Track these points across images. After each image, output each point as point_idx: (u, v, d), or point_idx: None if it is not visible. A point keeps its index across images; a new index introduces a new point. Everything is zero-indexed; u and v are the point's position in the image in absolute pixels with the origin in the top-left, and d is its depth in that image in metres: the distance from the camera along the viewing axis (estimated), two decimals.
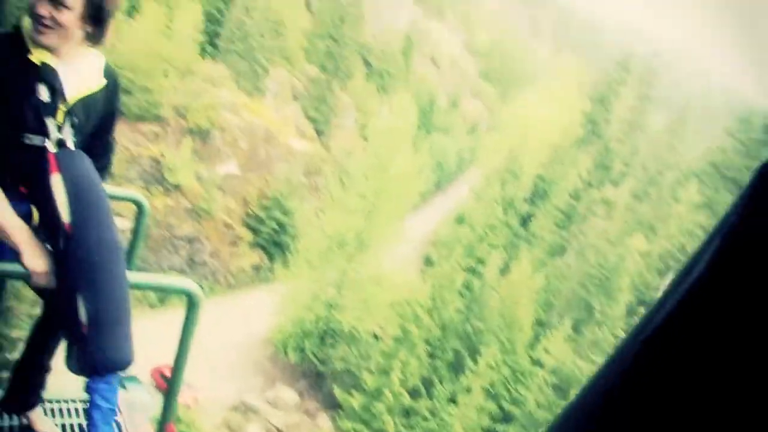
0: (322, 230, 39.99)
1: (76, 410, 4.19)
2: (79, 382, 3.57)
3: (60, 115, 3.02)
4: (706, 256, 0.51)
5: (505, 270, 44.07)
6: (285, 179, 47.26)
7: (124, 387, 4.63)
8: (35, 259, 2.85)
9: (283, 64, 56.50)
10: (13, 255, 2.89)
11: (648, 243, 44.97)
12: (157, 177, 43.54)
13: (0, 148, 2.95)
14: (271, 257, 46.60)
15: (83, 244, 2.90)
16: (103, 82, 3.21)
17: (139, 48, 44.59)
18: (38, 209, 2.98)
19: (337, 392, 36.32)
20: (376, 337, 39.80)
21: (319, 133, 55.68)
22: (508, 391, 37.44)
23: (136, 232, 4.43)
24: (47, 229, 2.97)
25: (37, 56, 2.93)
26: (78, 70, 3.09)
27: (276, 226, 46.15)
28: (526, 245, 52.43)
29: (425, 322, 34.98)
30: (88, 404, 3.43)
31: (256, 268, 46.41)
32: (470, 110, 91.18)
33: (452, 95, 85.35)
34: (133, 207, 4.40)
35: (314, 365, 39.39)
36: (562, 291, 43.64)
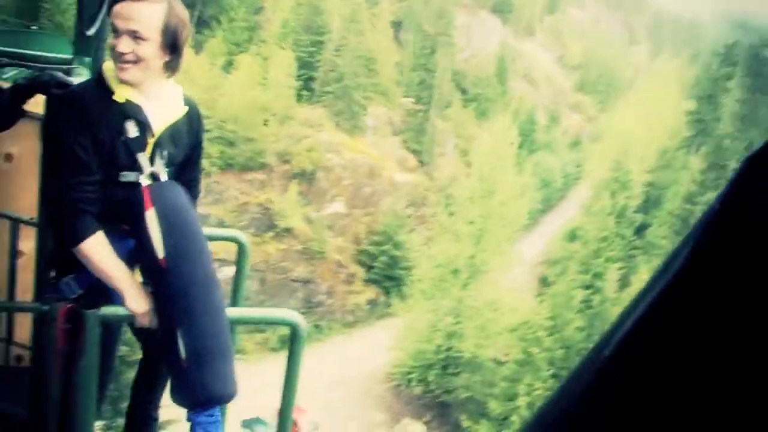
0: (434, 260, 39.92)
1: None
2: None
3: (149, 148, 3.12)
4: (684, 250, 0.50)
5: (624, 283, 42.89)
6: (392, 213, 47.49)
7: (251, 429, 4.70)
8: (137, 300, 2.93)
9: (379, 99, 57.06)
10: (118, 299, 2.98)
11: None
12: (267, 223, 44.53)
13: (101, 190, 3.02)
14: (386, 291, 46.76)
15: (178, 278, 2.95)
16: (185, 109, 3.30)
17: (239, 100, 46.10)
18: (139, 246, 3.05)
19: (465, 421, 35.97)
20: (498, 362, 39.29)
21: (421, 163, 55.82)
22: None
23: (238, 270, 4.48)
24: (147, 266, 3.05)
25: (120, 94, 3.04)
26: (160, 102, 3.19)
27: (388, 260, 46.33)
28: (643, 255, 50.89)
29: (547, 344, 34.35)
30: None
31: (373, 304, 46.64)
32: (571, 124, 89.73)
33: (551, 111, 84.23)
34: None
35: (439, 396, 39.16)
36: None
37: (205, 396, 3.06)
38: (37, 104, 3.47)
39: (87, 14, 4.01)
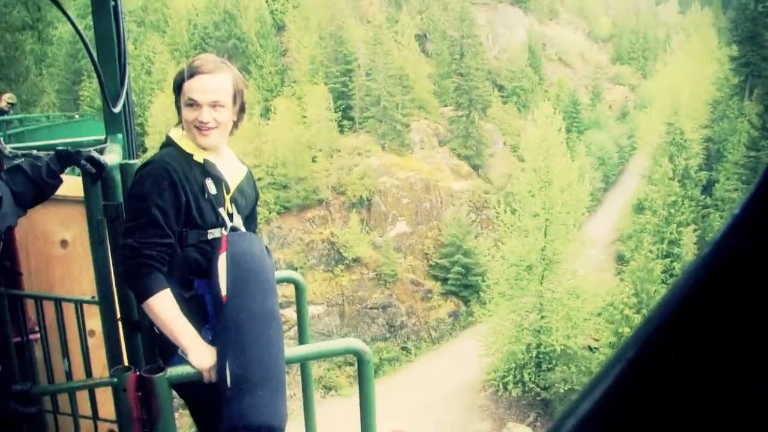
0: (506, 260, 39.68)
1: None
2: None
3: (227, 204, 3.33)
4: (703, 255, 0.49)
5: (701, 244, 42.05)
6: (455, 222, 47.43)
7: None
8: (201, 357, 3.02)
9: (419, 114, 57.20)
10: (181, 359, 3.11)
11: None
12: (335, 257, 44.86)
13: (186, 249, 3.19)
14: (465, 301, 46.62)
15: (235, 311, 3.06)
16: (246, 167, 3.57)
17: (283, 143, 46.78)
18: (209, 290, 3.17)
19: None
20: (591, 349, 38.80)
21: (474, 168, 55.71)
22: None
23: (299, 309, 4.45)
24: (214, 308, 3.14)
25: (199, 156, 3.25)
26: (228, 160, 3.43)
27: (461, 270, 46.21)
28: (716, 213, 49.84)
29: (636, 321, 33.77)
30: None
31: (454, 316, 46.53)
32: (614, 97, 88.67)
33: (592, 88, 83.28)
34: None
35: (538, 394, 38.79)
36: None
37: (244, 423, 3.05)
38: (79, 189, 3.67)
39: (110, 93, 4.17)
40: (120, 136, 4.39)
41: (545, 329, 37.87)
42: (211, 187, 3.25)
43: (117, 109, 4.04)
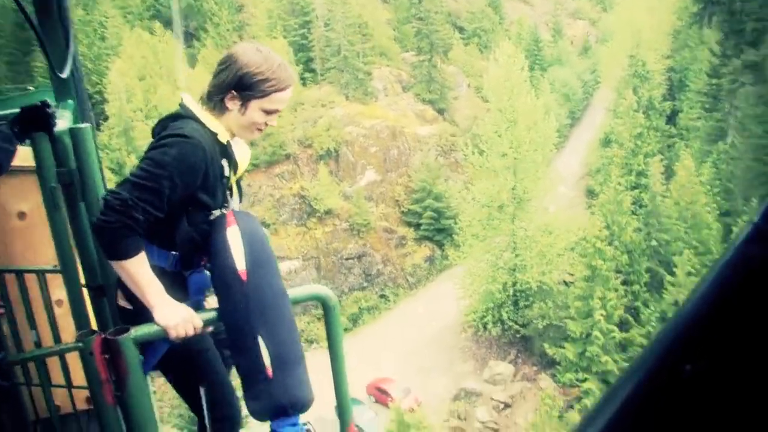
0: (477, 202, 39.87)
1: None
2: None
3: (234, 186, 3.41)
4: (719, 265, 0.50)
5: (669, 173, 42.46)
6: (424, 167, 47.46)
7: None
8: (166, 314, 2.98)
9: (381, 61, 56.79)
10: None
11: None
12: (307, 210, 44.79)
13: (190, 228, 3.17)
14: (439, 245, 46.91)
15: (258, 288, 3.08)
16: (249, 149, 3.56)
17: None
18: (213, 262, 3.15)
19: (549, 349, 36.12)
20: (566, 283, 39.30)
21: (439, 112, 55.56)
22: None
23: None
24: (224, 281, 3.11)
25: (223, 137, 3.25)
26: (239, 142, 3.42)
27: (433, 214, 46.40)
28: (681, 142, 50.27)
29: (609, 253, 34.21)
30: None
31: (430, 260, 46.83)
32: (575, 33, 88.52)
33: (553, 25, 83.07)
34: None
35: (518, 331, 39.32)
36: (737, 173, 41.48)
37: (290, 401, 3.12)
38: (32, 158, 3.61)
39: (55, 58, 4.02)
40: (71, 102, 4.26)
41: (520, 267, 38.26)
42: (226, 168, 3.26)
43: (64, 74, 3.91)
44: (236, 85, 3.23)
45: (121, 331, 2.93)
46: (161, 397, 33.79)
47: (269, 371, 3.07)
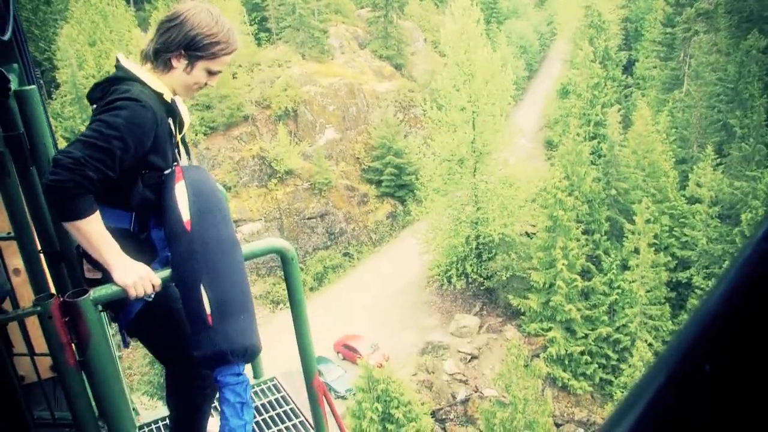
0: (437, 156, 39.94)
1: None
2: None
3: (180, 143, 3.41)
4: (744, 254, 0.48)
5: (626, 123, 42.86)
6: (384, 123, 47.31)
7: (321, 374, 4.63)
8: (123, 273, 2.98)
9: (336, 18, 56.20)
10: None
11: (766, 37, 42.42)
12: (267, 171, 44.51)
13: (144, 189, 3.18)
14: (401, 201, 47.01)
15: (202, 237, 3.11)
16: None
17: None
18: (164, 218, 3.18)
19: (513, 300, 36.57)
20: (528, 235, 39.68)
21: (397, 67, 55.28)
22: (675, 237, 36.64)
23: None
24: (171, 232, 3.15)
25: (168, 96, 3.26)
26: (180, 99, 3.43)
27: (394, 170, 46.40)
28: (638, 91, 50.69)
29: (569, 203, 34.55)
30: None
31: (392, 216, 46.94)
32: None
33: None
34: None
35: (482, 284, 39.70)
36: (692, 121, 42.01)
37: (231, 348, 3.12)
38: None
39: None
40: (15, 66, 4.14)
41: (482, 220, 38.49)
42: (172, 126, 3.26)
43: (6, 37, 3.79)
44: (186, 45, 3.23)
45: (80, 293, 2.90)
46: (130, 364, 33.76)
47: (209, 318, 3.07)
